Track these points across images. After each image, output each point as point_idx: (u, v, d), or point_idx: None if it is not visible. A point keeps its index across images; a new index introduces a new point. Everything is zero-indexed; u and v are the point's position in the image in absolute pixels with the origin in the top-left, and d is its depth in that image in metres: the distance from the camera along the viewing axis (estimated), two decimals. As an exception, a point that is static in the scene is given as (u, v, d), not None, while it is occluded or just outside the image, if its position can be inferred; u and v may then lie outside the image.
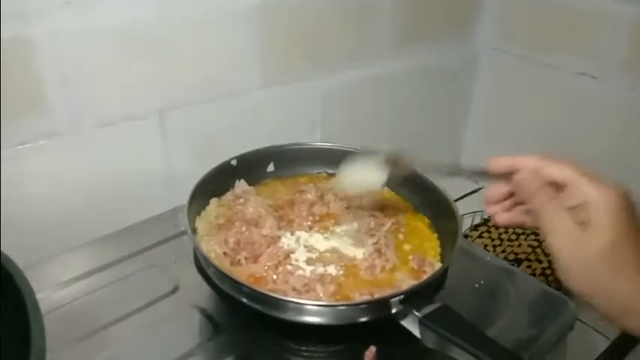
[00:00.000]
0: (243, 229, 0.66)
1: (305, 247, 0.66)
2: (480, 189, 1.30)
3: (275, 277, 0.61)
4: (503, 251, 1.03)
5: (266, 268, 0.62)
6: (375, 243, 0.66)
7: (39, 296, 0.42)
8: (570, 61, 1.07)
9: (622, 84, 1.01)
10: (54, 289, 0.65)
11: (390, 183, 0.78)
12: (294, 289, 0.58)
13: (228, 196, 0.74)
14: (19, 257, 0.46)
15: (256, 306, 0.55)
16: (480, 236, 1.07)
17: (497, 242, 1.05)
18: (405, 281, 0.61)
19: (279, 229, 0.68)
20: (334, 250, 0.66)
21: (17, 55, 0.66)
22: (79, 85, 0.72)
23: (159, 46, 0.78)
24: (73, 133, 0.74)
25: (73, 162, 0.76)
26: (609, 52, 1.01)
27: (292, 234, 0.68)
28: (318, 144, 0.83)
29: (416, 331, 0.54)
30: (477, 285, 0.70)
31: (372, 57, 1.05)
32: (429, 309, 0.54)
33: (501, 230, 1.09)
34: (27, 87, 0.69)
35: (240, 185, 0.75)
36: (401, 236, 0.70)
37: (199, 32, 0.81)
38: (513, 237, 1.07)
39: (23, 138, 0.71)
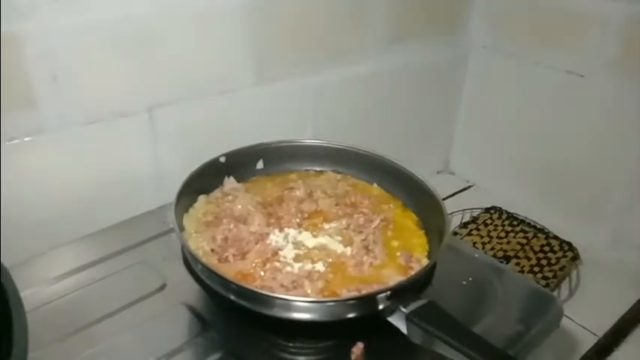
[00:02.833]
0: (232, 226, 0.66)
1: (293, 243, 0.66)
2: (470, 186, 1.31)
3: (263, 273, 0.61)
4: (492, 249, 1.04)
5: (254, 265, 0.62)
6: (364, 240, 0.66)
7: (26, 293, 0.42)
8: (559, 59, 1.08)
9: (610, 83, 1.02)
10: (41, 285, 0.65)
11: (379, 180, 0.79)
12: (282, 285, 0.58)
13: (216, 193, 0.74)
14: (5, 254, 0.45)
15: (244, 303, 0.55)
16: (469, 234, 1.08)
17: (486, 240, 1.06)
18: (393, 277, 0.61)
19: (268, 226, 0.68)
20: (322, 247, 0.66)
21: (5, 51, 0.66)
22: (67, 82, 0.72)
23: (148, 43, 0.78)
24: (61, 130, 0.74)
25: (61, 158, 0.76)
26: (598, 51, 1.02)
27: (281, 231, 0.68)
28: (307, 141, 0.82)
29: (403, 328, 0.54)
30: (464, 282, 0.71)
31: (363, 55, 1.05)
32: (415, 305, 0.54)
33: (490, 228, 1.10)
34: (15, 83, 0.68)
35: (229, 182, 0.75)
36: (389, 233, 0.70)
37: (190, 29, 0.81)
38: (502, 234, 1.08)
39: (10, 134, 0.70)
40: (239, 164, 0.76)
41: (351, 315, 0.55)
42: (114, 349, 0.58)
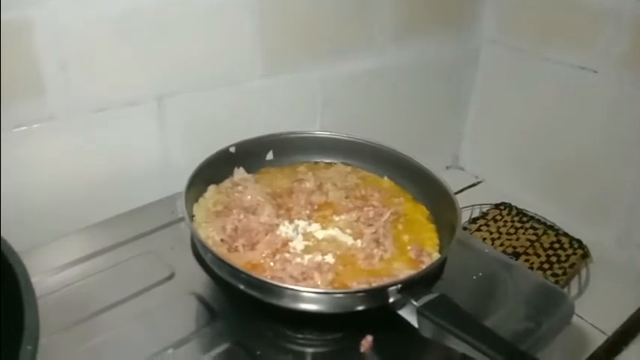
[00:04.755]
0: (241, 216, 0.66)
1: (303, 235, 0.65)
2: (479, 182, 1.30)
3: (272, 264, 0.60)
4: (502, 245, 1.03)
5: (263, 255, 0.61)
6: (374, 233, 0.66)
7: (34, 280, 0.41)
8: (571, 55, 1.07)
9: (623, 79, 1.00)
10: (49, 273, 0.64)
11: (389, 173, 0.78)
12: (291, 276, 0.58)
13: (226, 183, 0.73)
14: (13, 241, 0.45)
15: (253, 293, 0.54)
16: (479, 229, 1.07)
17: (495, 235, 1.05)
18: (403, 271, 0.61)
19: (278, 217, 0.67)
20: (332, 239, 0.65)
21: (14, 38, 0.66)
22: (76, 69, 0.72)
23: (158, 33, 0.77)
24: (69, 118, 0.74)
25: (69, 146, 0.75)
26: (611, 47, 1.01)
27: (290, 222, 0.67)
28: (318, 133, 0.82)
29: (413, 321, 0.54)
30: (474, 277, 0.70)
31: (372, 49, 1.05)
32: (426, 299, 0.54)
33: (500, 224, 1.09)
34: (23, 70, 0.68)
35: (239, 173, 0.75)
36: (400, 227, 0.69)
37: (200, 19, 0.80)
38: (512, 231, 1.07)
39: (18, 121, 0.70)
40: (249, 155, 0.76)
41: (361, 307, 0.54)
42: (121, 337, 0.58)
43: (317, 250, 0.63)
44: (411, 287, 0.55)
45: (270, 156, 0.78)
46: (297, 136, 0.80)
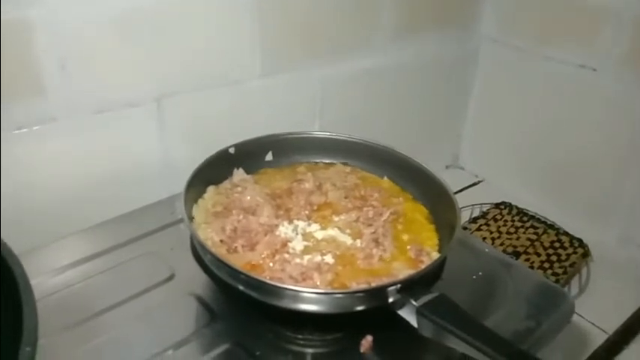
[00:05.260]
0: (241, 217, 0.65)
1: (302, 235, 0.65)
2: (479, 182, 1.30)
3: (272, 265, 0.60)
4: (502, 244, 1.03)
5: (263, 256, 0.61)
6: (373, 233, 0.66)
7: (34, 282, 0.42)
8: (571, 54, 1.07)
9: (623, 78, 1.00)
10: (49, 275, 0.64)
11: (389, 173, 0.78)
12: (290, 277, 0.58)
13: (225, 184, 0.73)
14: (13, 243, 0.45)
15: (253, 293, 0.54)
16: (479, 229, 1.07)
17: (495, 235, 1.05)
18: (403, 271, 0.61)
19: (277, 217, 0.67)
20: (332, 239, 0.65)
21: (14, 38, 0.66)
22: (76, 70, 0.72)
23: (158, 33, 0.77)
24: (70, 119, 0.74)
25: (69, 148, 0.75)
26: (611, 46, 1.01)
27: (290, 223, 0.67)
28: (317, 133, 0.82)
29: (413, 321, 0.54)
30: (474, 276, 0.70)
31: (372, 49, 1.05)
32: (426, 298, 0.54)
33: (500, 223, 1.09)
34: (23, 71, 0.68)
35: (238, 174, 0.75)
36: (399, 226, 0.69)
37: (199, 19, 0.80)
38: (512, 230, 1.07)
39: (19, 123, 0.70)
40: (248, 156, 0.76)
41: (360, 307, 0.54)
42: (121, 338, 0.58)
43: (316, 251, 0.63)
44: (411, 287, 0.55)
45: (269, 157, 0.78)
46: (297, 136, 0.80)
